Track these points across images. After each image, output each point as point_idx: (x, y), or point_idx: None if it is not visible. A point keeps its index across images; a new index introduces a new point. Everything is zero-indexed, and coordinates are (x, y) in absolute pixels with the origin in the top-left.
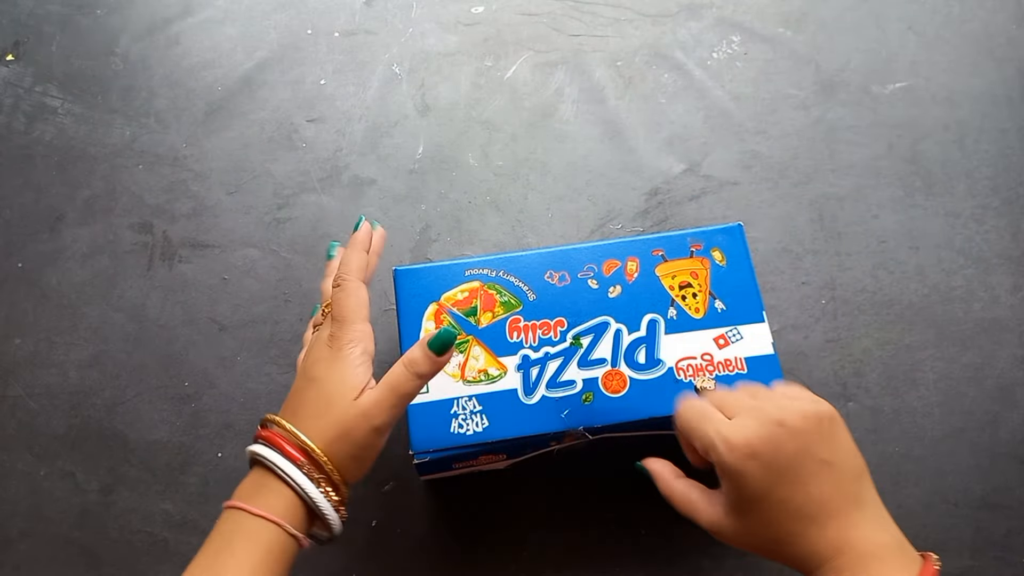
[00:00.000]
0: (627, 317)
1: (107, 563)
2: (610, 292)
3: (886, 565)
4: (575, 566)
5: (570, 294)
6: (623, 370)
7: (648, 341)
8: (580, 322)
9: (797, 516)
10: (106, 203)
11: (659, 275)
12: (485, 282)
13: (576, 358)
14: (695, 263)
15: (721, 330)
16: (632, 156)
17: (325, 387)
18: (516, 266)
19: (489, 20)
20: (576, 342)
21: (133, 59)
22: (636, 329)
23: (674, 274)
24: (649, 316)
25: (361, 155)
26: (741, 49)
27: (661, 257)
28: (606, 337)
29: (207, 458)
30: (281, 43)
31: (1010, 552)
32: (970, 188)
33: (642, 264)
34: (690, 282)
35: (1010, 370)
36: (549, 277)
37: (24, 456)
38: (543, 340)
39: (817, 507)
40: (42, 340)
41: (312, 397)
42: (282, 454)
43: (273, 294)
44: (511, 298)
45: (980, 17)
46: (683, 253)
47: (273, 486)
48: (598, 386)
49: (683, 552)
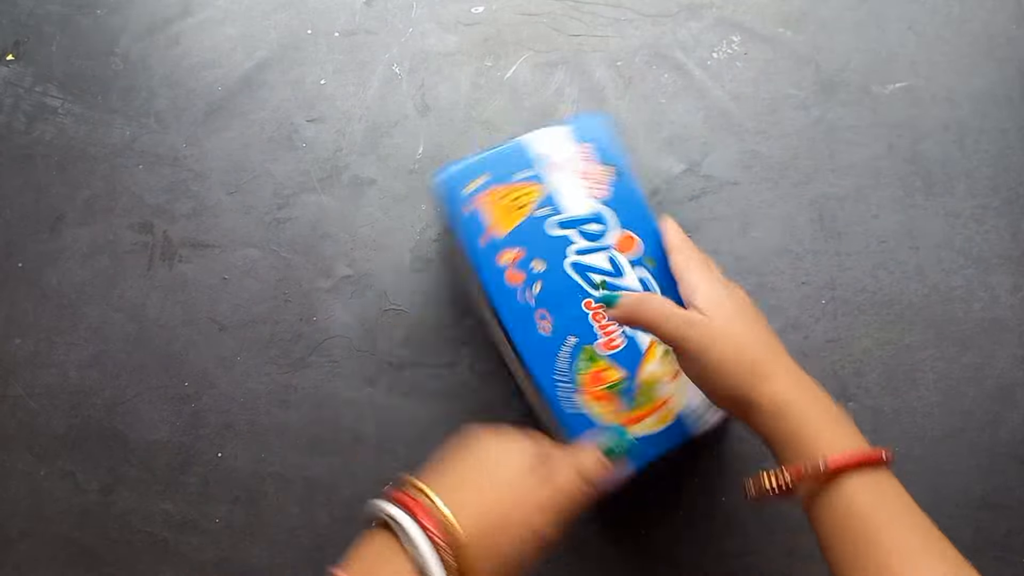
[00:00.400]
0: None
1: (107, 563)
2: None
3: (798, 419)
4: (575, 566)
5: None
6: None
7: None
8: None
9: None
10: (106, 203)
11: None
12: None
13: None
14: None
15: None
16: (632, 156)
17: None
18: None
19: (489, 20)
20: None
21: (133, 59)
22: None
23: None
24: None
25: (361, 155)
26: (741, 49)
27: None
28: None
29: (207, 458)
30: (281, 43)
31: (1010, 552)
32: (970, 188)
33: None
34: None
35: (1010, 370)
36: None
37: (24, 456)
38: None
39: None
40: (42, 340)
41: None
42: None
43: (273, 294)
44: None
45: (980, 17)
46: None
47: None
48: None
49: (683, 552)
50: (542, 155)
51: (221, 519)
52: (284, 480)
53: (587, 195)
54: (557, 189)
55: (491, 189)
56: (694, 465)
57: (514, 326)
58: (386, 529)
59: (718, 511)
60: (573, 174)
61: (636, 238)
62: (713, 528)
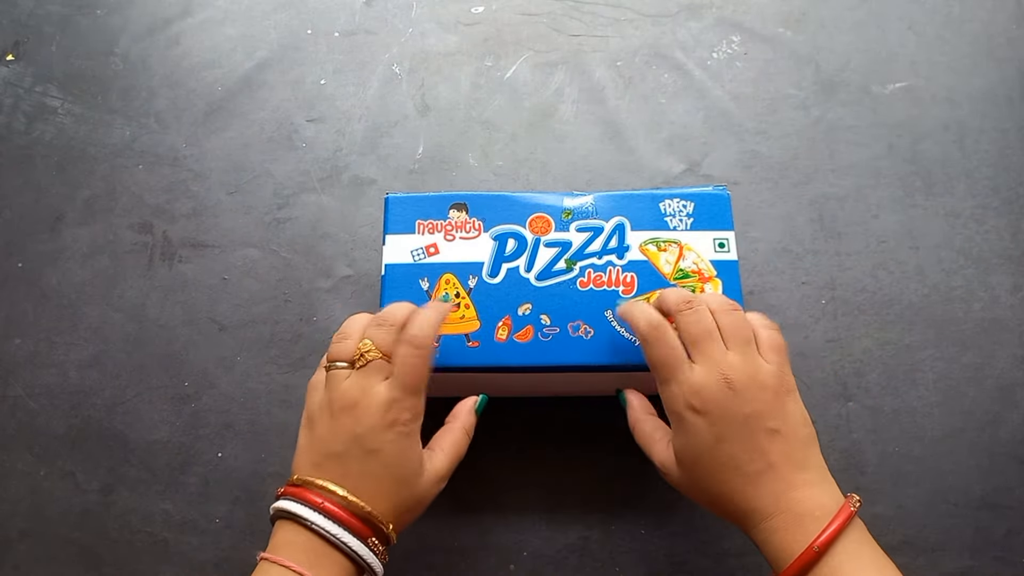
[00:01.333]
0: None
1: (107, 563)
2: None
3: (822, 525)
4: (575, 566)
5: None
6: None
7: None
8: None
9: (739, 474)
10: (106, 203)
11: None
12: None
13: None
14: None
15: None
16: (632, 156)
17: (393, 467)
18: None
19: (489, 20)
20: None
21: (133, 59)
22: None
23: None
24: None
25: (361, 155)
26: (741, 49)
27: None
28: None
29: (207, 458)
30: (281, 43)
31: (1010, 552)
32: (970, 188)
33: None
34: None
35: (1010, 370)
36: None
37: (24, 456)
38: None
39: (761, 468)
40: (42, 340)
41: (377, 474)
42: (352, 532)
43: (273, 294)
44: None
45: (980, 17)
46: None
47: (335, 558)
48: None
49: (683, 552)
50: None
51: (221, 519)
52: (284, 480)
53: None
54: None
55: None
56: None
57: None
58: (310, 529)
59: None
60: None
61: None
62: (713, 528)
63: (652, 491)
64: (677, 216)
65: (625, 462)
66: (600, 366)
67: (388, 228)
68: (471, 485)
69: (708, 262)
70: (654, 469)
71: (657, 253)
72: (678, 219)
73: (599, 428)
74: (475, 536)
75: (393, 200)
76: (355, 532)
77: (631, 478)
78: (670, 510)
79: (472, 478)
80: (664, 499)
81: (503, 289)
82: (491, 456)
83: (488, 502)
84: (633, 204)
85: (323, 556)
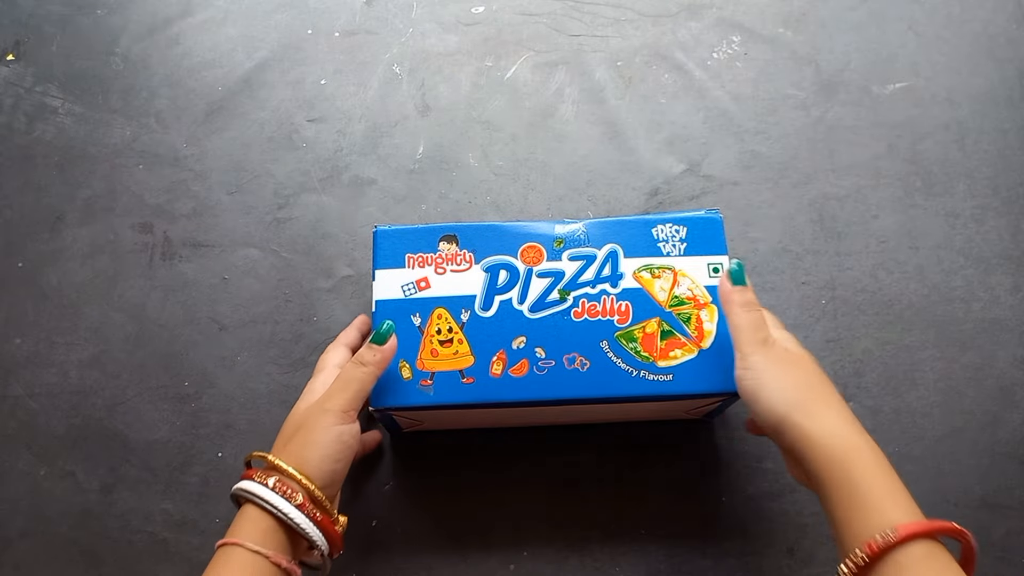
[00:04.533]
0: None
1: (107, 563)
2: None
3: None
4: (575, 566)
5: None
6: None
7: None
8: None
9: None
10: (106, 203)
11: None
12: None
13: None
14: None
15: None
16: (632, 156)
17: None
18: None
19: (489, 20)
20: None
21: (133, 59)
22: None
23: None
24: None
25: (361, 155)
26: (741, 49)
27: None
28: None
29: (207, 458)
30: (281, 43)
31: (1010, 552)
32: (970, 188)
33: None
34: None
35: (1010, 370)
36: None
37: (24, 456)
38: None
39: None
40: (42, 340)
41: (287, 433)
42: (252, 480)
43: (273, 294)
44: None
45: (980, 17)
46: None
47: (251, 514)
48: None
49: (683, 552)
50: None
51: (221, 519)
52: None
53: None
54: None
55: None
56: (695, 465)
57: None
58: (244, 500)
59: (718, 511)
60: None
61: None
62: (713, 528)
63: (653, 492)
64: (670, 241)
65: (626, 462)
66: (597, 399)
67: (377, 263)
68: (472, 485)
69: (703, 288)
70: (654, 469)
71: (651, 280)
72: (671, 244)
73: (599, 428)
74: (475, 536)
75: (381, 233)
76: (255, 479)
77: (631, 478)
78: (671, 510)
79: (473, 478)
80: (664, 500)
81: (496, 322)
82: (491, 457)
83: (488, 502)
84: (625, 230)
85: (242, 517)
